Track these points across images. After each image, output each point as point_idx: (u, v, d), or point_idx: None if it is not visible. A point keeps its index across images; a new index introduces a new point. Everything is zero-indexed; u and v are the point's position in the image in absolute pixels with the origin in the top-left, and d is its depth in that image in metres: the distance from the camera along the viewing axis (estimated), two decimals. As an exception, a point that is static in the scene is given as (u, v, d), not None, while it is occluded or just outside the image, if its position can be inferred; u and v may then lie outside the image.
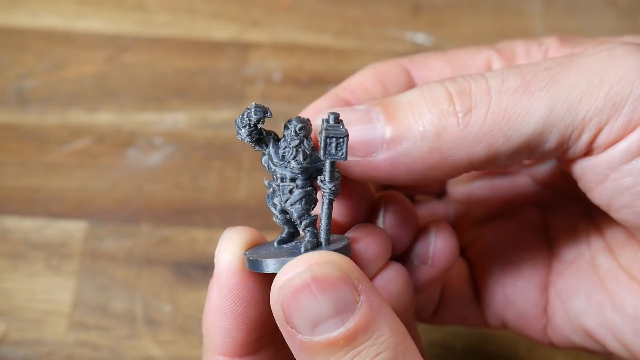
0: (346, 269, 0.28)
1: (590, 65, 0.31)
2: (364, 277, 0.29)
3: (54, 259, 0.53)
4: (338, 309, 0.28)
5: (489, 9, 0.64)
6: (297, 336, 0.28)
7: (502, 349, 0.50)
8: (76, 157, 0.57)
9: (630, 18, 0.64)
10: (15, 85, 0.60)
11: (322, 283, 0.28)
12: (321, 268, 0.28)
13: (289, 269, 0.28)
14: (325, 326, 0.28)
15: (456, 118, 0.32)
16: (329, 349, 0.28)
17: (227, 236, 0.33)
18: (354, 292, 0.28)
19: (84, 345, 0.50)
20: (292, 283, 0.28)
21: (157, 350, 0.50)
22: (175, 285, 0.52)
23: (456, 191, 0.43)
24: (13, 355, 0.49)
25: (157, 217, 0.54)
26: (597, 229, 0.39)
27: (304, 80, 0.61)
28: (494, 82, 0.32)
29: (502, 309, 0.41)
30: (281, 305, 0.28)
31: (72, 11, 0.63)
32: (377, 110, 0.33)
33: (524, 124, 0.31)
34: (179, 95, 0.60)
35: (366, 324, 0.28)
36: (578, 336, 0.39)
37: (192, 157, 0.57)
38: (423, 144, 0.32)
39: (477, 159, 0.32)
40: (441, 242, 0.37)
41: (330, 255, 0.28)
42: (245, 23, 0.63)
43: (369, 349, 0.27)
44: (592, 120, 0.31)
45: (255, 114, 0.30)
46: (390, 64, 0.38)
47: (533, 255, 0.40)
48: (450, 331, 0.50)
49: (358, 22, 0.63)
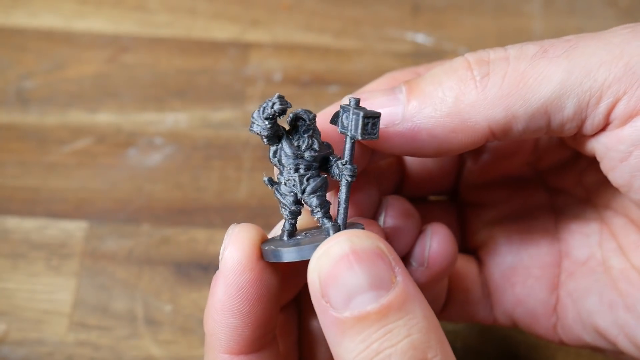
0: (384, 246, 0.29)
1: (611, 38, 0.32)
2: (400, 261, 0.29)
3: (55, 259, 0.53)
4: (374, 283, 0.28)
5: (489, 9, 0.64)
6: (331, 311, 0.28)
7: (502, 349, 0.50)
8: (76, 157, 0.57)
9: (630, 18, 0.64)
10: (15, 85, 0.60)
11: (361, 255, 0.28)
12: (360, 241, 0.28)
13: (329, 242, 0.29)
14: (359, 300, 0.28)
15: (474, 82, 0.32)
16: (361, 324, 0.28)
17: (233, 233, 0.33)
18: (390, 270, 0.28)
19: (85, 345, 0.50)
20: (331, 252, 0.28)
21: (157, 350, 0.50)
22: (176, 285, 0.52)
23: (468, 192, 0.43)
24: (13, 355, 0.49)
25: (158, 217, 0.54)
26: (609, 230, 0.39)
27: (304, 80, 0.61)
28: (513, 51, 0.33)
29: (512, 308, 0.41)
30: (318, 275, 0.28)
31: (72, 11, 0.63)
32: (400, 85, 0.34)
33: (542, 87, 0.32)
34: (179, 95, 0.60)
35: (400, 304, 0.28)
36: (589, 335, 0.39)
37: (192, 157, 0.57)
38: (442, 109, 0.32)
39: (496, 123, 0.32)
40: (436, 245, 0.38)
41: (368, 233, 0.29)
42: (246, 23, 0.63)
43: (400, 328, 0.28)
44: (610, 88, 0.31)
45: (280, 104, 0.31)
46: (407, 71, 0.39)
47: (543, 256, 0.41)
48: (450, 331, 0.50)
49: (358, 22, 0.63)
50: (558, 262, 0.40)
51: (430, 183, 0.43)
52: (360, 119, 0.31)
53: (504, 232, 0.42)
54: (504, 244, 0.42)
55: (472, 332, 0.51)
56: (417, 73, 0.38)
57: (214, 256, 0.53)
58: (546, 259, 0.41)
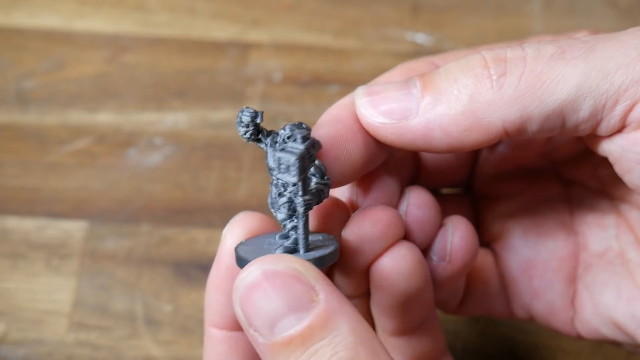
0: (299, 267, 0.29)
1: (629, 40, 0.32)
2: (322, 276, 0.29)
3: (54, 259, 0.53)
4: (292, 306, 0.28)
5: (489, 9, 0.64)
6: (259, 339, 0.28)
7: (502, 349, 0.50)
8: (76, 157, 0.57)
9: (630, 18, 0.64)
10: (15, 85, 0.60)
11: (274, 280, 0.28)
12: (272, 265, 0.28)
13: (242, 272, 0.29)
14: (282, 325, 0.28)
15: (490, 81, 0.32)
16: (287, 348, 0.28)
17: (236, 220, 0.35)
18: (309, 290, 0.28)
19: (84, 345, 0.50)
20: (246, 282, 0.28)
21: (157, 351, 0.50)
22: (176, 285, 0.52)
23: (482, 184, 0.43)
24: (13, 355, 0.49)
25: (157, 217, 0.54)
26: (626, 223, 0.39)
27: (304, 80, 0.61)
28: (530, 50, 0.32)
29: (530, 301, 0.41)
30: (240, 306, 0.29)
31: (72, 11, 0.63)
32: (414, 79, 0.34)
33: (558, 89, 0.31)
34: (179, 95, 0.60)
35: (323, 322, 0.28)
36: (607, 329, 0.39)
37: (192, 157, 0.57)
38: (457, 107, 0.32)
39: (511, 123, 0.32)
40: (458, 239, 0.37)
41: (283, 256, 0.29)
42: (246, 23, 0.63)
43: (325, 347, 0.27)
44: (627, 91, 0.31)
45: (247, 116, 0.31)
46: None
47: (561, 248, 0.40)
48: (450, 331, 0.50)
49: (358, 22, 0.63)
50: (576, 255, 0.40)
51: (445, 175, 0.42)
52: (294, 162, 0.29)
53: (520, 224, 0.41)
54: (520, 237, 0.41)
55: (472, 332, 0.51)
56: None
57: (213, 256, 0.53)
58: (563, 252, 0.40)
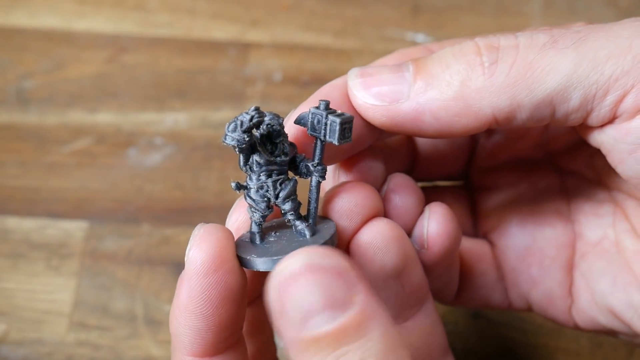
0: (342, 265, 0.28)
1: (620, 31, 0.32)
2: (362, 278, 0.28)
3: (54, 259, 0.53)
4: (329, 303, 0.27)
5: (489, 9, 0.65)
6: (289, 330, 0.27)
7: (502, 349, 0.50)
8: (76, 157, 0.57)
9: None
10: (15, 85, 0.60)
11: (317, 273, 0.27)
12: (318, 258, 0.28)
13: (287, 259, 0.28)
14: (315, 321, 0.27)
15: (482, 68, 0.32)
16: (315, 345, 0.27)
17: (199, 234, 0.32)
18: (349, 289, 0.27)
19: (84, 345, 0.50)
20: (287, 269, 0.27)
21: (157, 350, 0.50)
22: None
23: (479, 176, 0.43)
24: (13, 355, 0.49)
25: (157, 217, 0.55)
26: (622, 211, 0.39)
27: (304, 80, 0.61)
28: (523, 39, 0.33)
29: (528, 290, 0.41)
30: (277, 292, 0.28)
31: (72, 11, 0.63)
32: (407, 63, 0.34)
33: (549, 79, 0.32)
34: (179, 95, 0.60)
35: (357, 325, 0.27)
36: (604, 317, 0.39)
37: (192, 157, 0.57)
38: (448, 92, 0.33)
39: (500, 111, 0.32)
40: (435, 225, 0.36)
41: (330, 251, 0.28)
42: (246, 23, 0.63)
43: (354, 351, 0.27)
44: (617, 82, 0.31)
45: (259, 117, 0.31)
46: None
47: (558, 236, 0.40)
48: (450, 331, 0.50)
49: (358, 22, 0.63)
50: (573, 243, 0.40)
51: (441, 166, 0.42)
52: (337, 125, 0.31)
53: (517, 214, 0.41)
54: (517, 226, 0.41)
55: (472, 332, 0.51)
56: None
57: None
58: (561, 240, 0.40)
